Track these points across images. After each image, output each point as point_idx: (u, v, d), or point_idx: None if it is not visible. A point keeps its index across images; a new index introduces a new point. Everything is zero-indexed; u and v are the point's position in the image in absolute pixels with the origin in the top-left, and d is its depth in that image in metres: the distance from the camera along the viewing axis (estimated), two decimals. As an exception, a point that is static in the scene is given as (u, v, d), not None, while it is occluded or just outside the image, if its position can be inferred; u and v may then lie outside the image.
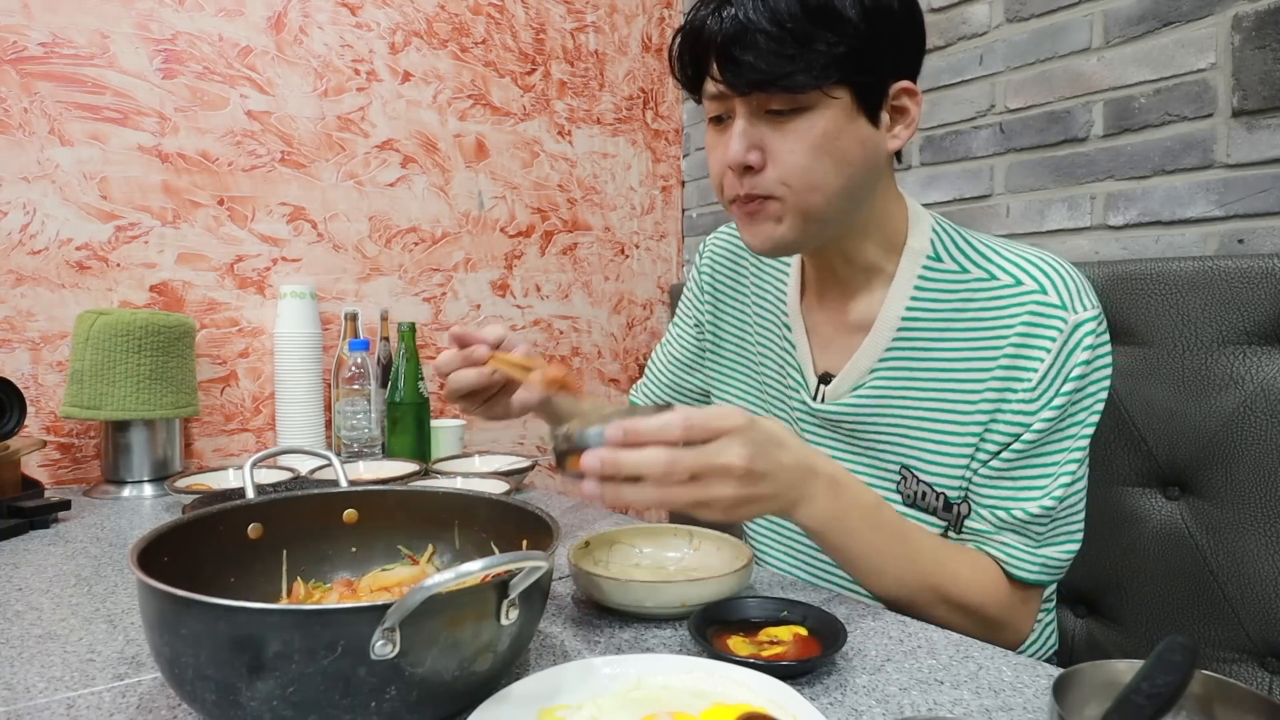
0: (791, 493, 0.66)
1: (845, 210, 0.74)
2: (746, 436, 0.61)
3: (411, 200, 1.63)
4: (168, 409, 1.23)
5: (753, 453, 0.61)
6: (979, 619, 0.73)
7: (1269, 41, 1.05)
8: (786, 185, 0.71)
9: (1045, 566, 0.74)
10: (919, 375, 0.78)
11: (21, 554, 0.89)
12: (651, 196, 2.00)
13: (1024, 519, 0.73)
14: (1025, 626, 0.77)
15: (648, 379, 1.09)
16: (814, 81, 0.67)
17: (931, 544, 0.74)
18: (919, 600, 0.72)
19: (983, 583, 0.74)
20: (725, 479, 0.60)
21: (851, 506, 0.70)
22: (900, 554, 0.71)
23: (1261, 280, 0.88)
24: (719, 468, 0.60)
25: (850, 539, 0.70)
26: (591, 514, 1.09)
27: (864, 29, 0.67)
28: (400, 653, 0.43)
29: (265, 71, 1.46)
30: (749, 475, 0.61)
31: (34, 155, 1.27)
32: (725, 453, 0.60)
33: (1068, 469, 0.72)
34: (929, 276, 0.78)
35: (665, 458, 0.58)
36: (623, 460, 0.58)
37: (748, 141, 0.71)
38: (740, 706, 0.48)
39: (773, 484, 0.64)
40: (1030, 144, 1.32)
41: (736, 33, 0.67)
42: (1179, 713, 0.43)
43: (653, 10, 1.96)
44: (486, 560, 0.45)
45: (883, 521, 0.71)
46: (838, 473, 0.70)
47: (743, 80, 0.68)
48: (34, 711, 0.52)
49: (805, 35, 0.66)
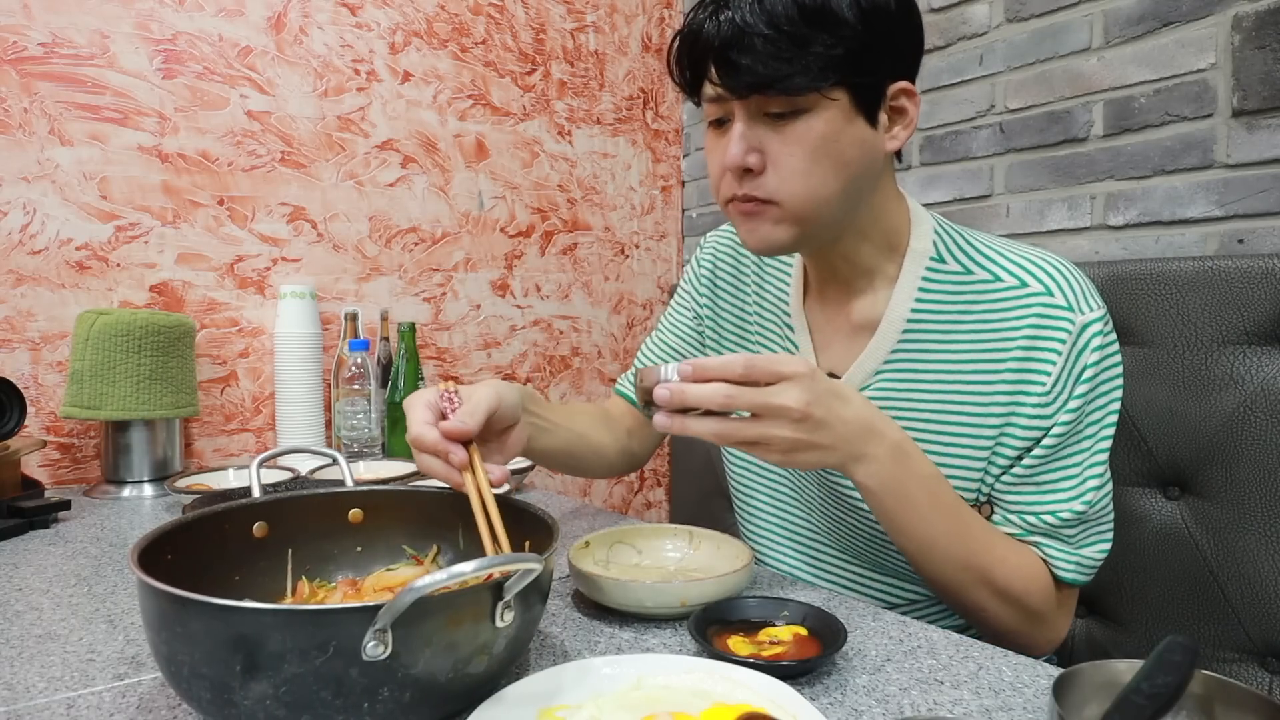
0: (850, 448, 0.67)
1: (843, 212, 0.74)
2: (806, 383, 0.63)
3: (411, 200, 1.63)
4: (168, 409, 1.24)
5: (810, 399, 0.63)
6: (1020, 609, 0.73)
7: (1269, 41, 1.05)
8: (785, 189, 0.71)
9: (1081, 566, 0.74)
10: (924, 377, 0.78)
11: (21, 554, 0.89)
12: (651, 196, 2.00)
13: (1055, 524, 0.73)
14: (1062, 627, 0.77)
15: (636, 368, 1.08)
16: (811, 84, 0.67)
17: (984, 525, 0.73)
18: (964, 581, 0.72)
19: (1028, 572, 0.73)
20: (782, 420, 0.63)
21: (912, 476, 0.69)
22: (953, 530, 0.71)
23: (1261, 280, 0.88)
24: (775, 408, 0.62)
25: (906, 508, 0.70)
26: (591, 514, 1.09)
27: (861, 30, 0.67)
28: (392, 654, 0.43)
29: (265, 71, 1.46)
30: (805, 420, 0.63)
31: (34, 155, 1.27)
32: (783, 395, 0.62)
33: (1093, 471, 0.72)
34: (932, 278, 0.78)
35: (725, 391, 0.62)
36: (688, 393, 0.62)
37: (747, 144, 0.71)
38: (740, 706, 0.48)
39: (830, 434, 0.65)
40: (1030, 144, 1.32)
41: (734, 36, 0.67)
42: (1179, 713, 0.43)
43: (653, 10, 1.96)
44: (479, 561, 0.44)
45: (940, 496, 0.71)
46: (903, 440, 0.70)
47: (741, 83, 0.69)
48: (34, 711, 0.52)
49: (802, 38, 0.66)
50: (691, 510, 1.62)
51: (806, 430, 0.63)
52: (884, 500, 0.70)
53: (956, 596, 0.73)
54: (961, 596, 0.73)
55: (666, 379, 0.63)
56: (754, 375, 0.62)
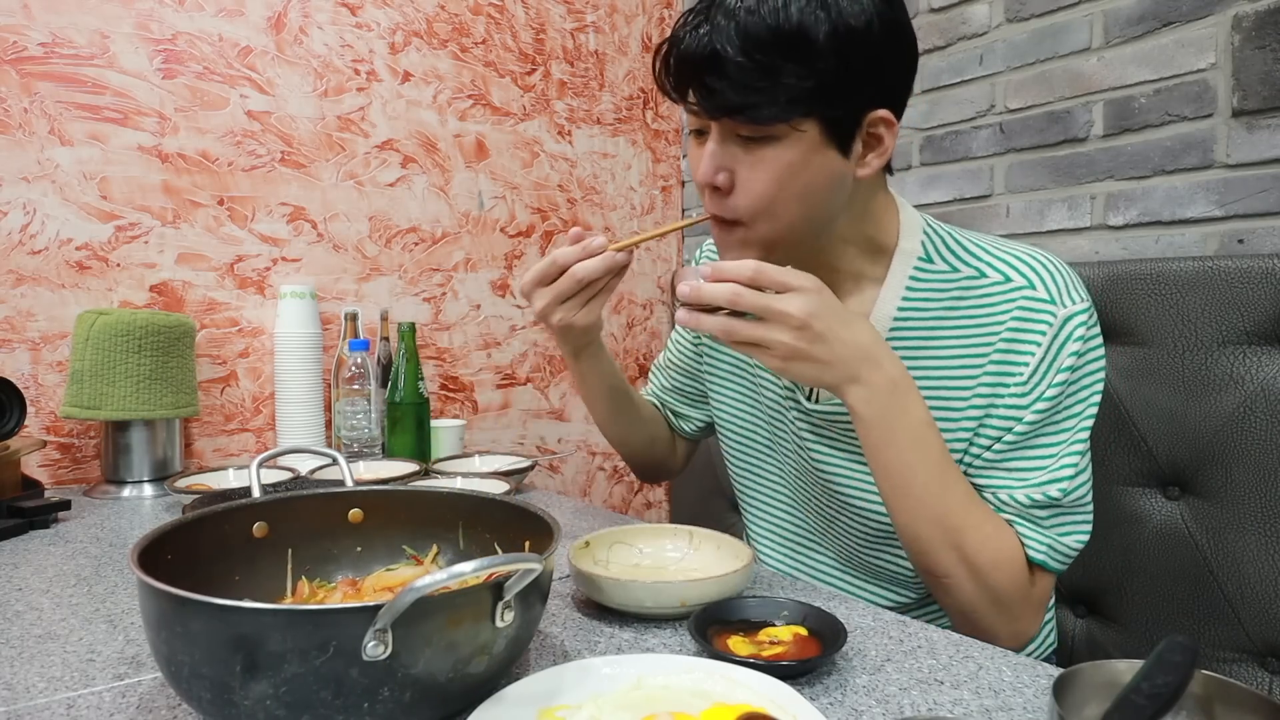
0: (846, 368, 0.68)
1: (811, 235, 0.76)
2: (810, 296, 0.66)
3: (411, 200, 1.63)
4: (168, 409, 1.23)
5: (813, 311, 0.66)
6: (985, 584, 0.71)
7: (1269, 41, 1.05)
8: (749, 212, 0.73)
9: (1053, 550, 0.73)
10: (912, 374, 0.78)
11: (21, 554, 0.89)
12: (651, 196, 2.00)
13: (1026, 504, 0.72)
14: (1029, 622, 0.75)
15: (651, 382, 1.11)
16: (780, 115, 0.68)
17: (966, 488, 0.73)
18: (934, 538, 0.71)
19: (999, 544, 0.72)
20: (782, 326, 0.66)
21: (904, 413, 0.70)
22: (934, 480, 0.71)
23: (1261, 280, 0.88)
24: (777, 312, 0.66)
25: (892, 444, 0.70)
26: (592, 514, 1.09)
27: (835, 63, 0.67)
28: (392, 654, 0.43)
29: (265, 71, 1.46)
30: (805, 330, 0.66)
31: (34, 155, 1.27)
32: (786, 302, 0.66)
33: (1068, 460, 0.72)
34: (920, 278, 0.79)
35: (733, 289, 0.66)
36: (703, 290, 0.67)
37: (716, 163, 0.72)
38: (740, 706, 0.48)
39: (827, 350, 0.67)
40: (1030, 144, 1.32)
41: (709, 59, 0.68)
42: (1179, 713, 0.43)
43: (653, 10, 1.96)
44: (479, 561, 0.44)
45: (928, 442, 0.71)
46: (901, 377, 0.70)
47: (713, 105, 0.69)
48: (34, 711, 0.52)
49: (772, 68, 0.66)
50: (691, 510, 1.62)
51: (805, 340, 0.66)
52: (871, 430, 0.70)
53: (924, 556, 0.73)
54: (930, 557, 0.72)
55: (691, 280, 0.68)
56: (761, 280, 0.66)
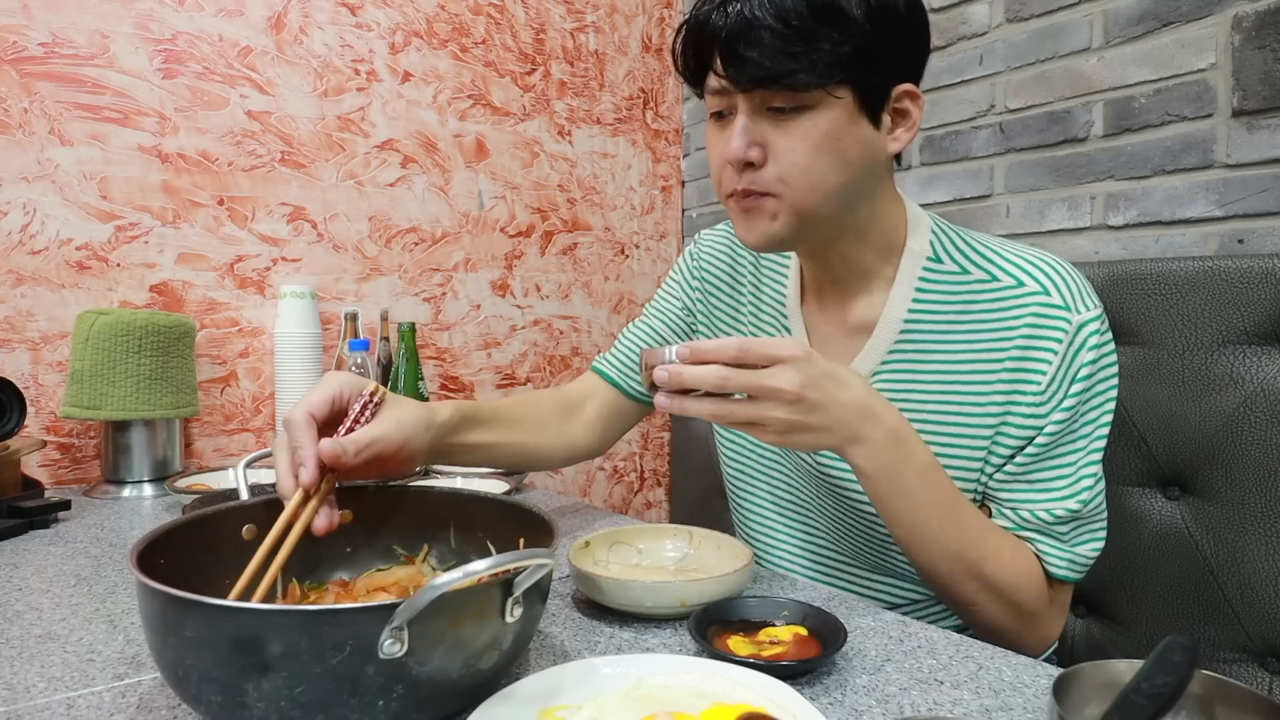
0: (846, 430, 0.66)
1: (842, 210, 0.74)
2: (801, 366, 0.63)
3: (411, 200, 1.63)
4: (168, 409, 1.23)
5: (805, 381, 0.63)
6: (1010, 605, 0.72)
7: (1269, 41, 1.05)
8: (786, 183, 0.71)
9: (1074, 564, 0.73)
10: (922, 378, 0.78)
11: (21, 554, 0.89)
12: (651, 196, 2.00)
13: (1049, 520, 0.72)
14: (1055, 626, 0.76)
15: (617, 349, 1.02)
16: (818, 80, 0.67)
17: (979, 519, 0.73)
18: (955, 572, 0.71)
19: (1020, 568, 0.72)
20: (777, 402, 0.63)
21: (908, 462, 0.69)
22: (947, 520, 0.71)
23: (1261, 280, 0.88)
24: (769, 389, 0.63)
25: (901, 494, 0.70)
26: (592, 514, 1.09)
27: (869, 29, 0.67)
28: (408, 651, 0.43)
29: (265, 71, 1.46)
30: (800, 402, 0.63)
31: (34, 155, 1.27)
32: (777, 377, 0.63)
33: (1088, 470, 0.72)
34: (929, 278, 0.78)
35: (719, 373, 0.62)
36: (685, 374, 0.63)
37: (749, 138, 0.71)
38: (740, 706, 0.48)
39: (825, 416, 0.65)
40: (1030, 144, 1.32)
41: (741, 29, 0.67)
42: (1179, 713, 0.43)
43: (653, 10, 1.96)
44: (494, 558, 0.45)
45: (936, 484, 0.70)
46: (901, 426, 0.69)
47: (746, 76, 0.68)
48: (34, 711, 0.52)
49: (810, 33, 0.66)
50: (691, 510, 1.62)
51: (801, 412, 0.64)
52: (879, 485, 0.70)
53: (947, 589, 0.73)
54: (953, 589, 0.73)
55: (667, 360, 0.64)
56: (748, 358, 0.63)
